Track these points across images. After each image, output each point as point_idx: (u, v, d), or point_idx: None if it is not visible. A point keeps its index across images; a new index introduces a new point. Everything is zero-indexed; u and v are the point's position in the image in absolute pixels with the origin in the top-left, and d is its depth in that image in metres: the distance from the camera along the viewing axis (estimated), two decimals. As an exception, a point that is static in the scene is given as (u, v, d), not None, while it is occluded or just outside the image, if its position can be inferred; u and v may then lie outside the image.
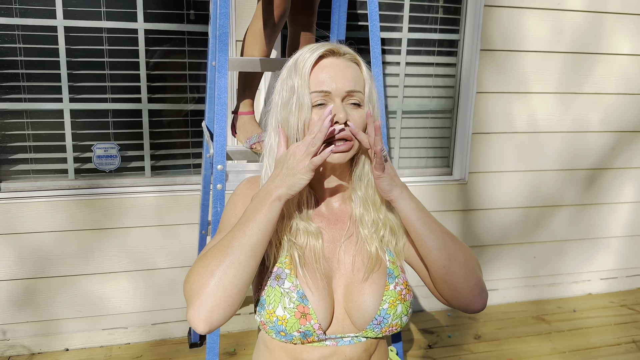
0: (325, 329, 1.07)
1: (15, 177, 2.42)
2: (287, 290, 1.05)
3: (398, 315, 1.11)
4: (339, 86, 1.04)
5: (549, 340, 2.77)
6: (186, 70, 2.53)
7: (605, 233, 3.27)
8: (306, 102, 1.04)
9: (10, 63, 2.33)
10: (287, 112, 1.07)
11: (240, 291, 0.96)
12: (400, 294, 1.11)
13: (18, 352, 2.49)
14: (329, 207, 1.16)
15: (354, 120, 1.05)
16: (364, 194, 1.14)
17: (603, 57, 2.99)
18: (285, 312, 1.04)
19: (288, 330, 1.05)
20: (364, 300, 1.09)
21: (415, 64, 2.83)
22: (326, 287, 1.08)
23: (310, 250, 1.09)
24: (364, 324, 1.09)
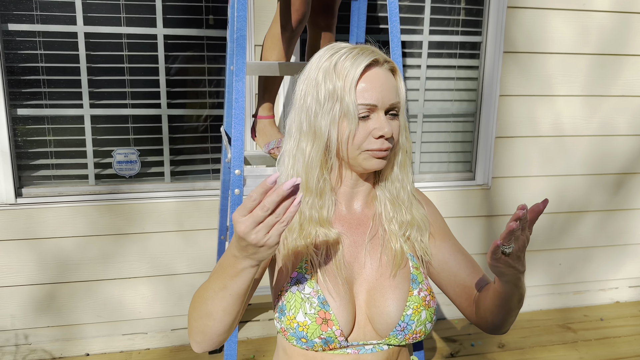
0: (347, 335, 1.05)
1: (36, 182, 2.44)
2: (308, 295, 1.03)
3: (422, 321, 1.07)
4: (385, 99, 1.02)
5: (575, 349, 2.69)
6: (205, 75, 2.53)
7: (633, 239, 3.17)
8: (353, 113, 1.00)
9: (31, 69, 2.35)
10: (327, 122, 1.02)
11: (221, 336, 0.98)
12: (424, 300, 1.08)
13: (40, 357, 2.51)
14: (351, 211, 1.14)
15: (394, 132, 1.05)
16: (392, 197, 1.13)
17: (631, 58, 2.90)
18: (306, 318, 1.02)
19: (309, 337, 1.02)
20: (387, 305, 1.06)
21: (436, 67, 2.79)
22: (347, 292, 1.05)
23: (331, 257, 1.06)
24: (386, 330, 1.06)
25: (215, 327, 0.96)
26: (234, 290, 0.92)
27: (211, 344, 1.00)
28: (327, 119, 1.02)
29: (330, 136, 1.02)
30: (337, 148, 1.04)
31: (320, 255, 1.06)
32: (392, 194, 1.13)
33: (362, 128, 1.02)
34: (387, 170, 1.13)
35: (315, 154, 1.04)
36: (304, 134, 1.05)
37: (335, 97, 1.00)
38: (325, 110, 1.02)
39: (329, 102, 1.01)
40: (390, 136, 1.02)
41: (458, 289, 1.17)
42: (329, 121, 1.01)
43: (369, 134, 1.02)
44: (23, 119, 2.38)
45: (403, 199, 1.12)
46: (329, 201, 1.09)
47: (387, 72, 1.04)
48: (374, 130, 1.02)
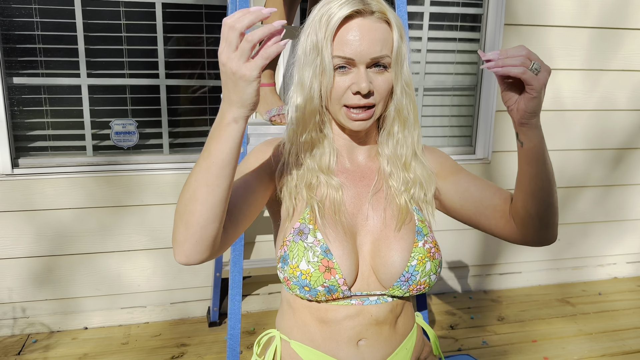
0: (350, 285, 1.04)
1: (33, 153, 2.41)
2: (311, 244, 1.02)
3: (427, 272, 1.07)
4: (364, 53, 0.98)
5: (574, 322, 2.70)
6: (204, 45, 2.49)
7: (632, 215, 3.17)
8: (328, 67, 0.99)
9: (27, 37, 2.31)
10: (310, 74, 1.02)
11: (204, 227, 0.88)
12: (429, 251, 1.08)
13: (37, 330, 2.49)
14: (354, 163, 1.13)
15: (378, 88, 1.01)
16: (393, 152, 1.12)
17: (631, 32, 2.89)
18: (309, 266, 1.01)
19: (312, 285, 1.02)
20: (391, 255, 1.06)
21: (437, 39, 2.76)
22: (350, 241, 1.05)
23: (331, 202, 1.05)
24: (390, 280, 1.06)
25: (198, 212, 0.87)
26: (217, 156, 0.86)
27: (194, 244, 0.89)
28: (309, 71, 1.01)
29: (313, 87, 1.01)
30: (326, 101, 1.04)
31: (322, 204, 1.05)
32: (392, 152, 1.11)
33: (341, 82, 1.00)
34: (385, 127, 1.11)
35: (304, 106, 1.04)
36: (295, 85, 1.06)
37: (317, 49, 0.99)
38: (309, 61, 1.01)
39: (312, 53, 1.00)
40: (367, 92, 0.98)
41: (489, 211, 1.10)
42: (311, 73, 1.01)
43: (347, 89, 1.00)
44: (19, 87, 2.34)
45: (405, 157, 1.10)
46: (329, 150, 1.09)
47: (374, 23, 0.99)
48: (352, 85, 0.99)
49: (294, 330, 1.12)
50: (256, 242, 2.66)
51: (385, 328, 1.09)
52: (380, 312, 1.08)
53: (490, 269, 3.03)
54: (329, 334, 1.08)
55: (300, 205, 1.07)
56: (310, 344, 1.09)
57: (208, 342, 2.45)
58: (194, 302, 2.65)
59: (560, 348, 2.45)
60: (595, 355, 2.40)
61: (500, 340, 2.51)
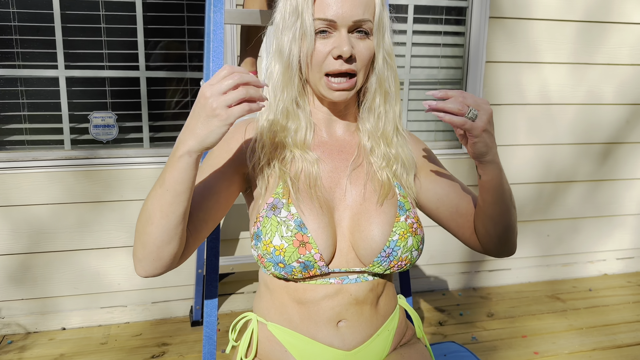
0: (327, 261, 0.99)
1: (9, 147, 2.34)
2: (284, 218, 0.97)
3: (408, 248, 1.02)
4: (346, 15, 0.95)
5: (564, 317, 2.65)
6: (185, 37, 2.45)
7: (621, 210, 3.15)
8: (309, 30, 0.96)
9: (3, 28, 2.25)
10: (289, 38, 0.99)
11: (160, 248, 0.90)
12: (411, 226, 1.03)
13: (13, 331, 2.41)
14: (332, 136, 1.09)
15: (360, 54, 0.98)
16: (374, 127, 1.08)
17: (616, 26, 2.89)
18: (283, 241, 0.96)
19: (287, 261, 0.97)
20: (371, 229, 1.01)
21: (422, 32, 2.74)
22: (326, 216, 1.00)
23: (306, 177, 1.01)
24: (370, 256, 1.01)
25: (154, 234, 0.89)
26: (171, 185, 0.86)
27: (152, 262, 0.92)
28: (288, 35, 0.98)
29: (292, 53, 0.98)
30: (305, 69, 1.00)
31: (296, 179, 1.01)
32: (373, 126, 1.07)
33: (321, 46, 0.97)
34: (366, 99, 1.07)
35: (281, 74, 1.01)
36: (273, 53, 1.03)
37: (297, 13, 0.96)
38: (288, 25, 0.98)
39: (292, 17, 0.97)
40: (349, 56, 0.95)
41: (462, 219, 1.12)
42: (290, 37, 0.98)
43: (328, 54, 0.97)
44: (-6, 80, 2.29)
45: (386, 132, 1.07)
46: (305, 124, 1.04)
47: None
48: (333, 49, 0.96)
49: (271, 312, 1.08)
50: (240, 239, 2.60)
51: (366, 308, 1.05)
52: (360, 291, 1.03)
53: (479, 266, 2.99)
54: (307, 314, 1.03)
55: (273, 182, 1.03)
56: (288, 326, 1.05)
57: (190, 341, 2.37)
58: (176, 301, 2.58)
59: (551, 343, 2.41)
60: (586, 349, 2.36)
61: (490, 336, 2.46)
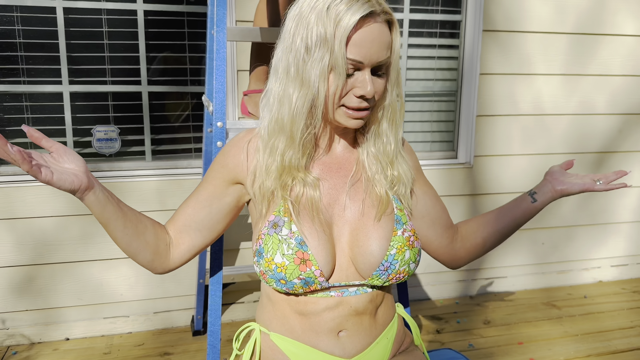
0: (327, 276, 1.04)
1: (14, 161, 2.38)
2: (285, 237, 1.01)
3: (406, 261, 1.07)
4: (373, 57, 0.96)
5: (560, 324, 2.70)
6: (187, 52, 2.51)
7: (615, 218, 3.21)
8: (342, 67, 0.94)
9: (8, 45, 2.31)
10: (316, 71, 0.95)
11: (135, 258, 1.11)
12: (408, 240, 1.08)
13: (18, 342, 2.44)
14: (332, 154, 1.13)
15: (378, 91, 1.01)
16: (379, 151, 1.11)
17: (607, 37, 2.96)
18: (284, 259, 1.00)
19: (288, 278, 1.01)
20: (370, 245, 1.05)
21: (417, 45, 2.80)
22: (326, 232, 1.04)
23: (307, 201, 1.05)
24: (369, 270, 1.05)
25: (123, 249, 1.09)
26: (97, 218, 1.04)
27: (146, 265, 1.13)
28: (316, 70, 0.95)
29: (319, 89, 0.96)
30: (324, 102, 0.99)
31: (297, 199, 1.05)
32: (377, 148, 1.11)
33: (346, 84, 0.98)
34: (373, 124, 1.10)
35: (302, 103, 0.99)
36: (291, 78, 0.99)
37: (326, 46, 0.94)
38: (316, 58, 0.95)
39: (319, 50, 0.94)
40: (371, 97, 0.98)
41: (440, 230, 1.21)
42: (319, 72, 0.95)
43: (350, 90, 0.99)
44: (0, 95, 2.33)
45: (389, 154, 1.11)
46: (309, 149, 1.06)
47: (382, 26, 0.97)
48: (355, 89, 0.98)
49: (273, 322, 1.11)
50: (240, 249, 2.65)
51: (366, 318, 1.09)
52: (360, 303, 1.08)
53: (475, 274, 3.04)
54: (308, 325, 1.07)
55: (274, 202, 1.06)
56: (290, 335, 1.09)
57: (192, 350, 2.41)
58: (177, 311, 2.62)
59: (547, 349, 2.45)
60: (582, 355, 2.40)
61: (486, 343, 2.50)
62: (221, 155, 1.13)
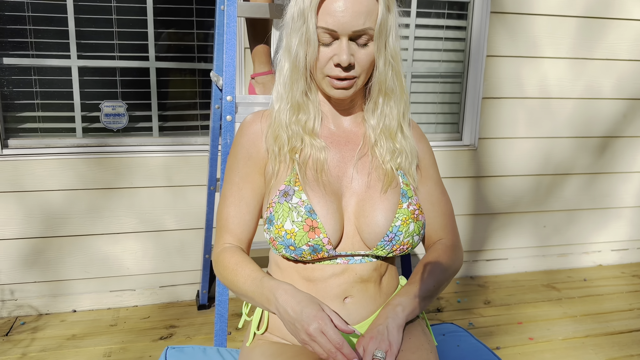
0: (335, 244, 1.07)
1: (22, 134, 2.41)
2: (295, 205, 1.04)
3: (410, 233, 1.10)
4: (346, 25, 0.99)
5: (559, 306, 2.74)
6: (194, 29, 2.51)
7: (617, 203, 3.23)
8: (312, 39, 1.01)
9: (17, 18, 2.32)
10: (296, 42, 1.04)
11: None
12: (413, 213, 1.10)
13: (26, 312, 2.49)
14: (339, 127, 1.16)
15: (359, 61, 1.03)
16: (377, 124, 1.14)
17: (615, 22, 2.94)
18: (294, 226, 1.03)
19: (297, 244, 1.04)
20: (375, 215, 1.08)
21: (425, 26, 2.80)
22: (334, 202, 1.07)
23: (314, 162, 1.08)
24: (374, 240, 1.08)
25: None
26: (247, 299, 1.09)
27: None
28: (296, 38, 1.03)
29: (299, 55, 1.04)
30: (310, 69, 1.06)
31: (304, 164, 1.08)
32: (377, 122, 1.13)
33: (324, 52, 1.02)
34: (371, 98, 1.13)
35: (289, 71, 1.07)
36: (284, 50, 1.08)
37: (303, 16, 1.00)
38: (295, 28, 1.03)
39: (299, 20, 1.02)
40: (347, 64, 1.00)
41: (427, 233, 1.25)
42: (297, 40, 1.03)
43: (329, 59, 1.02)
44: (9, 68, 2.35)
45: (390, 129, 1.13)
46: (314, 114, 1.11)
47: None
48: (333, 57, 1.01)
49: (281, 289, 1.14)
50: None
51: (370, 286, 1.12)
52: (365, 271, 1.11)
53: (477, 255, 3.07)
54: (315, 291, 1.10)
55: (284, 167, 1.10)
56: (297, 301, 1.12)
57: (197, 324, 2.46)
58: (183, 285, 2.66)
59: (546, 329, 2.49)
60: (580, 335, 2.44)
61: (486, 322, 2.54)
62: (241, 148, 1.14)
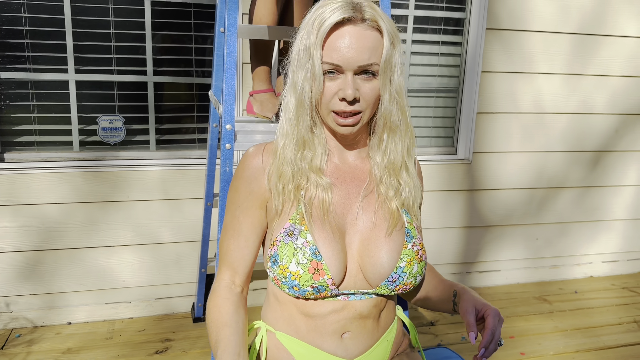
0: (338, 284, 1.07)
1: (19, 148, 2.41)
2: (301, 246, 1.05)
3: (414, 274, 1.11)
4: (351, 60, 1.00)
5: (550, 319, 2.77)
6: (192, 43, 2.52)
7: (608, 215, 3.27)
8: (318, 73, 1.01)
9: (15, 32, 2.31)
10: (302, 77, 1.04)
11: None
12: (417, 253, 1.11)
13: (21, 325, 2.49)
14: (345, 163, 1.16)
15: (365, 95, 1.03)
16: (382, 159, 1.14)
17: (609, 38, 2.98)
18: (299, 268, 1.04)
19: (301, 285, 1.05)
20: (380, 256, 1.09)
21: (421, 41, 2.82)
22: (339, 242, 1.07)
23: (320, 202, 1.08)
24: (378, 280, 1.09)
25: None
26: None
27: None
28: (301, 74, 1.03)
29: (304, 90, 1.04)
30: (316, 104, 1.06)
31: (310, 205, 1.08)
32: (381, 158, 1.13)
33: (329, 87, 1.02)
34: (376, 134, 1.13)
35: (295, 107, 1.07)
36: (289, 86, 1.08)
37: (309, 52, 1.01)
38: (301, 64, 1.03)
39: (304, 57, 1.02)
40: (352, 99, 1.01)
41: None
42: (303, 75, 1.03)
43: (334, 94, 1.02)
44: (6, 82, 2.34)
45: (395, 165, 1.13)
46: (320, 151, 1.10)
47: (365, 30, 1.00)
48: (338, 91, 1.02)
49: (279, 322, 1.15)
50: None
51: (369, 322, 1.13)
52: (365, 307, 1.12)
53: (470, 267, 3.10)
54: (313, 326, 1.11)
55: (287, 205, 1.09)
56: (296, 335, 1.13)
57: (192, 337, 2.47)
58: (178, 297, 2.68)
59: (537, 344, 2.52)
60: (570, 350, 2.48)
61: (479, 337, 2.57)
62: (243, 182, 1.13)
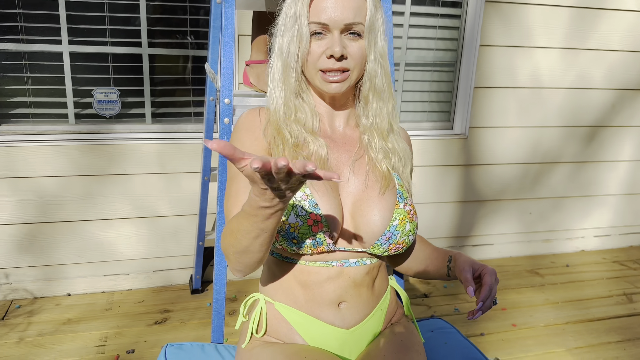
0: (335, 240, 1.11)
1: (14, 120, 2.40)
2: (299, 199, 1.07)
3: (406, 232, 1.14)
4: (337, 18, 1.04)
5: (542, 292, 2.83)
6: (187, 14, 2.48)
7: (601, 190, 3.30)
8: (305, 32, 1.06)
9: (7, 2, 2.27)
10: (288, 39, 1.09)
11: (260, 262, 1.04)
12: (409, 213, 1.15)
13: (21, 296, 2.52)
14: (335, 130, 1.20)
15: (352, 53, 1.07)
16: (369, 122, 1.18)
17: (608, 12, 2.96)
18: (298, 220, 1.06)
19: (300, 237, 1.08)
20: (373, 215, 1.12)
21: (419, 14, 2.79)
22: (336, 198, 1.11)
23: (317, 159, 1.12)
24: (372, 239, 1.12)
25: (255, 258, 1.02)
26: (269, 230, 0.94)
27: (252, 271, 1.08)
28: (288, 36, 1.08)
29: (290, 51, 1.08)
30: (302, 66, 1.10)
31: (308, 156, 1.11)
32: (369, 120, 1.17)
33: (317, 46, 1.07)
34: (362, 97, 1.16)
35: (280, 71, 1.11)
36: (275, 52, 1.12)
37: (295, 17, 1.06)
38: (287, 28, 1.08)
39: (291, 21, 1.07)
40: (340, 56, 1.05)
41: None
42: (289, 38, 1.07)
43: (322, 53, 1.07)
44: (-1, 54, 2.32)
45: (381, 128, 1.17)
46: (311, 115, 1.15)
47: None
48: (326, 50, 1.06)
49: (278, 293, 1.18)
50: (238, 212, 2.71)
51: (364, 290, 1.16)
52: (359, 274, 1.15)
53: (463, 241, 3.14)
54: (311, 296, 1.14)
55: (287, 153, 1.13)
56: (294, 306, 1.16)
57: (191, 308, 2.51)
58: (176, 270, 2.71)
59: (528, 316, 2.58)
60: (560, 322, 2.54)
61: (471, 308, 2.62)
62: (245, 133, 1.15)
